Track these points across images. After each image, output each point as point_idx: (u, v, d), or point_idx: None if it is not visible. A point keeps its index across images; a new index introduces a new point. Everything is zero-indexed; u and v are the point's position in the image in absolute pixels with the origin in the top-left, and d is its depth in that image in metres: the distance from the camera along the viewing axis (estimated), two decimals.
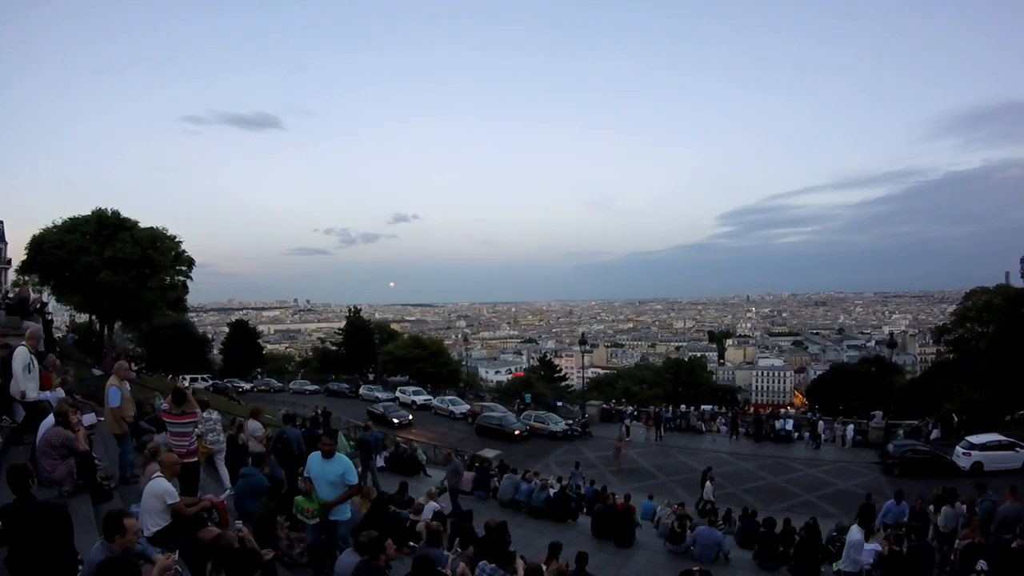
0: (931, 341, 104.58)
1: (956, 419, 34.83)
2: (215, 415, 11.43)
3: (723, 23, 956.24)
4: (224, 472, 11.10)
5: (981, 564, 8.17)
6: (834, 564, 12.20)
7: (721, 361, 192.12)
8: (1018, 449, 27.15)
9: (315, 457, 8.21)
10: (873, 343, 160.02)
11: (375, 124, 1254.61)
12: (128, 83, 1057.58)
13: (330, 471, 7.95)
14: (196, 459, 9.42)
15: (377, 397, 48.03)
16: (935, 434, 33.65)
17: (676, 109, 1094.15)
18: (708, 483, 22.43)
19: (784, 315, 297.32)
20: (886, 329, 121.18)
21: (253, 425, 12.94)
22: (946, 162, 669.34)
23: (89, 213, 42.49)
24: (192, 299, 54.63)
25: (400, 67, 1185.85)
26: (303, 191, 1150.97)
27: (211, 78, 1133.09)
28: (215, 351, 78.37)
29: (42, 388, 10.15)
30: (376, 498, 11.76)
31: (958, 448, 28.49)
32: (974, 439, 28.41)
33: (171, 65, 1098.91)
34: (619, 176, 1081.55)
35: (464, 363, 76.27)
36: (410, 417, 39.11)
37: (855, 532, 11.08)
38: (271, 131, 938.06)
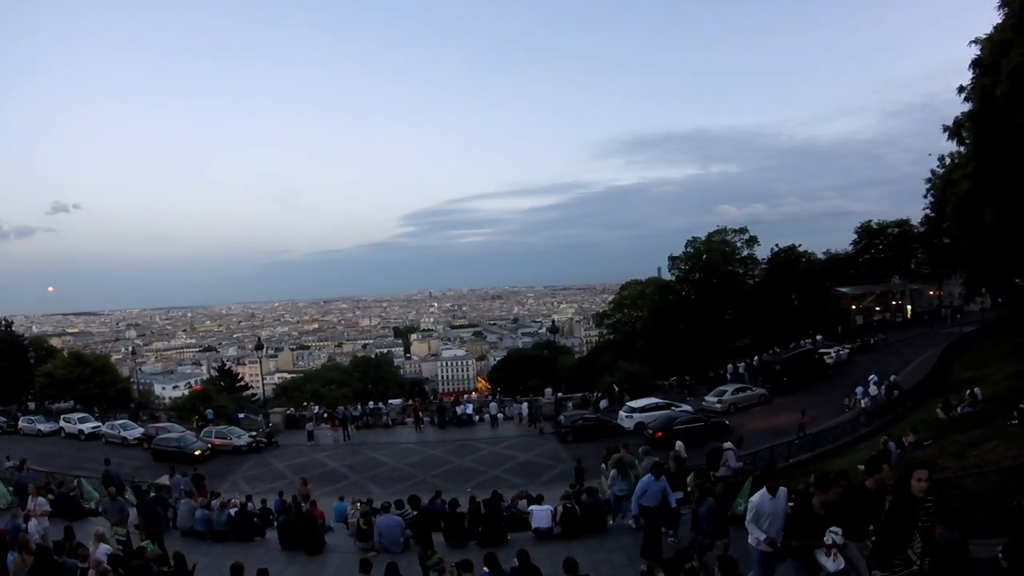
0: (594, 325, 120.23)
1: (617, 389, 38.78)
2: None
3: (412, 27, 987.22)
4: None
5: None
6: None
7: (407, 355, 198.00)
8: (673, 408, 30.87)
9: None
10: (544, 330, 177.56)
11: (37, 91, 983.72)
12: None
13: None
14: None
15: (40, 430, 40.75)
16: (604, 403, 37.50)
17: (361, 108, 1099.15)
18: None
19: (464, 308, 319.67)
20: (555, 317, 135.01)
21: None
22: (609, 178, 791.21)
23: None
24: None
25: (73, 28, 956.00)
26: None
27: None
28: None
29: None
30: (38, 549, 10.52)
31: (621, 412, 32.15)
32: (634, 403, 32.50)
33: None
34: (303, 172, 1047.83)
35: (135, 380, 71.13)
36: (209, 446, 33.51)
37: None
38: None
